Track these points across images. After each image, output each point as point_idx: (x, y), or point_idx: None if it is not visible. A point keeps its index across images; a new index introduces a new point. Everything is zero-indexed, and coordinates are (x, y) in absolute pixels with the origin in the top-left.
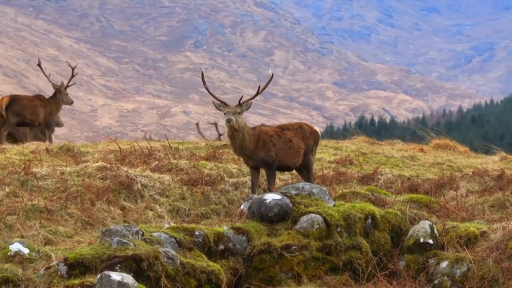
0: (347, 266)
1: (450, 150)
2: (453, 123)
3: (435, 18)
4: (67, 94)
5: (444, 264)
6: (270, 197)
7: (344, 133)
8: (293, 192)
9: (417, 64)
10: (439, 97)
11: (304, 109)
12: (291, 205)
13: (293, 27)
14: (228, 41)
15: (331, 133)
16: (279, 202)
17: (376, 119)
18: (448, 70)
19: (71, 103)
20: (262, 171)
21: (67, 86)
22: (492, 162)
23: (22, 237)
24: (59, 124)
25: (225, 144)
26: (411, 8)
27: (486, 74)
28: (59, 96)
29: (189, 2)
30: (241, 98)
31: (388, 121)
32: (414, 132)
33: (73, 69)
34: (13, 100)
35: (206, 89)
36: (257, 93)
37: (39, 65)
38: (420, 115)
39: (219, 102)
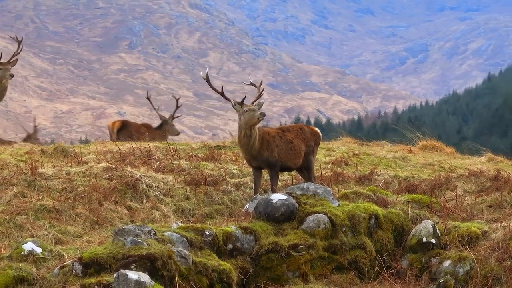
0: (352, 265)
1: (436, 151)
2: (389, 125)
3: (369, 20)
4: (174, 125)
5: (447, 263)
6: (276, 197)
7: None
8: (298, 192)
9: (351, 66)
10: (373, 99)
11: None
12: (297, 205)
13: (228, 28)
14: (162, 42)
15: None
16: (286, 202)
17: (312, 120)
18: (383, 71)
19: (177, 134)
20: (264, 172)
21: (174, 117)
22: (481, 163)
23: (33, 236)
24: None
25: (219, 145)
26: (345, 9)
27: (420, 76)
28: (165, 127)
29: (124, 3)
30: (256, 98)
31: (323, 122)
32: (350, 132)
33: (177, 100)
34: (124, 124)
35: (215, 90)
36: (260, 94)
37: (148, 98)
38: (355, 117)
39: (235, 102)
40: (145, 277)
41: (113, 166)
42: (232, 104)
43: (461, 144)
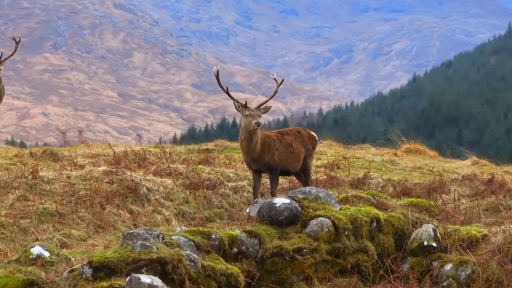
0: (355, 269)
1: (420, 154)
2: (315, 125)
3: (294, 20)
4: None
5: (448, 266)
6: (279, 201)
7: (206, 135)
8: (300, 196)
9: (275, 66)
10: (297, 99)
11: (163, 111)
12: (300, 209)
13: (152, 28)
14: (87, 42)
15: (193, 136)
16: (289, 206)
17: (238, 121)
18: (307, 72)
19: None
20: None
21: None
22: (466, 166)
23: (37, 240)
24: None
25: (207, 148)
26: (269, 10)
27: (345, 76)
28: None
29: (48, 4)
30: (264, 102)
31: None
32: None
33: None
34: None
35: (222, 88)
36: (271, 97)
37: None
38: (280, 117)
39: (238, 104)
40: (157, 281)
41: (113, 170)
42: (235, 106)
43: (444, 148)
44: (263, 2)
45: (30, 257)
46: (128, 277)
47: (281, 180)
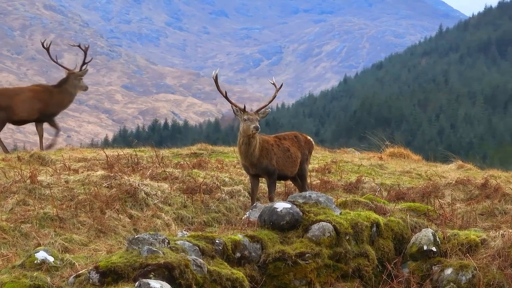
0: (356, 273)
1: (404, 158)
2: None
3: (224, 22)
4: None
5: (448, 271)
6: (281, 206)
7: (138, 137)
8: (301, 200)
9: (205, 68)
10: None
11: (93, 112)
12: (301, 213)
13: (82, 30)
14: (17, 44)
15: (125, 137)
16: (290, 211)
17: (170, 122)
18: (237, 73)
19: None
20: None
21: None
22: (452, 171)
23: (40, 245)
24: None
25: (195, 153)
26: (199, 11)
27: (274, 78)
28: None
29: None
30: (263, 106)
31: (181, 124)
32: (208, 135)
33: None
34: None
35: (221, 92)
36: (270, 101)
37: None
38: (211, 118)
39: (237, 108)
40: (166, 286)
41: (112, 174)
42: (233, 110)
43: (428, 151)
44: (193, 3)
45: (35, 262)
46: (137, 282)
47: (277, 184)
